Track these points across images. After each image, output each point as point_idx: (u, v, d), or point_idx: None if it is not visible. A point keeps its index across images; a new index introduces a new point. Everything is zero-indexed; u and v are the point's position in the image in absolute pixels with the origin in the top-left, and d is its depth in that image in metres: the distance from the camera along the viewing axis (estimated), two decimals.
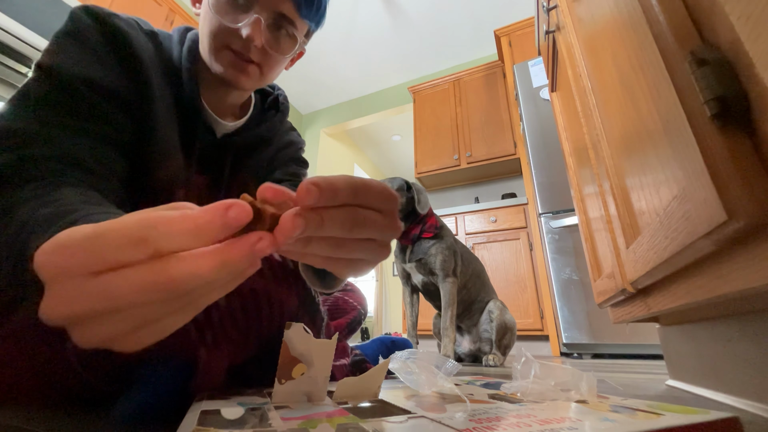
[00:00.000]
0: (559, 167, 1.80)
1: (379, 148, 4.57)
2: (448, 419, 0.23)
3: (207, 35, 0.46)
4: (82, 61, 0.38)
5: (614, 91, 0.48)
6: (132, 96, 0.41)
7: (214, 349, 0.33)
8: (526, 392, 0.32)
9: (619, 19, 0.41)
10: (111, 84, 0.40)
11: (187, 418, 0.23)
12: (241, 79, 0.48)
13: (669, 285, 0.41)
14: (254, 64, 0.48)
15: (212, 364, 0.33)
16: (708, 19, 0.25)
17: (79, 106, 0.37)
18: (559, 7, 0.85)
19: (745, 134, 0.23)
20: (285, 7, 0.46)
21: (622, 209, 0.52)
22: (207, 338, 0.32)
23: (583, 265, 1.58)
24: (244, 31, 0.44)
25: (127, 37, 0.42)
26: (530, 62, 2.10)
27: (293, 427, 0.21)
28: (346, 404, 0.29)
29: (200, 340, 0.32)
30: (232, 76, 0.47)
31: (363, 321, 0.82)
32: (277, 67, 0.52)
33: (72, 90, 0.37)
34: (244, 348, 0.35)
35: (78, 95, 0.37)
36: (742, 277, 0.25)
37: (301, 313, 0.38)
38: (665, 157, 0.32)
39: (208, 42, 0.47)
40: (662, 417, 0.22)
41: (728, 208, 0.22)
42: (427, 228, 1.18)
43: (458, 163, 2.67)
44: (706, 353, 0.51)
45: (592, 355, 1.52)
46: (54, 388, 0.36)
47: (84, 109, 0.37)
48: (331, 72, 3.44)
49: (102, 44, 0.41)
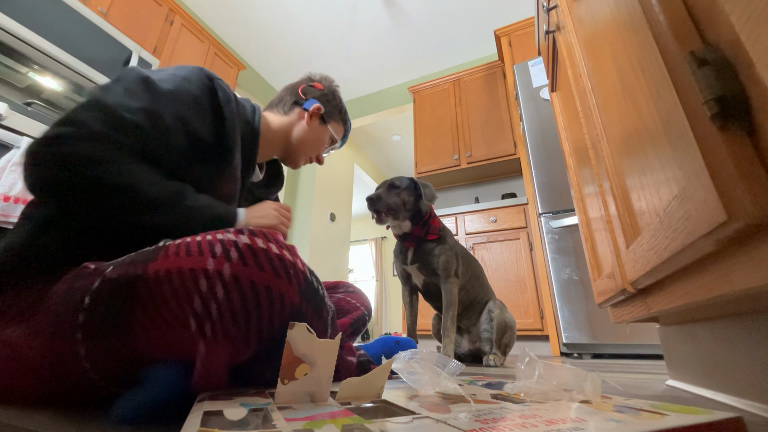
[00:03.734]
0: (559, 167, 1.80)
1: (379, 148, 4.57)
2: (453, 420, 0.23)
3: (310, 147, 0.78)
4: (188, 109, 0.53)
5: (614, 91, 0.48)
6: (214, 141, 0.56)
7: (213, 343, 0.33)
8: (529, 392, 0.32)
9: (619, 19, 0.41)
10: (200, 131, 0.54)
11: (190, 419, 0.24)
12: (296, 169, 0.82)
13: (669, 285, 0.41)
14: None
15: (212, 360, 0.33)
16: (708, 19, 0.25)
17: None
18: (559, 7, 0.85)
19: (745, 134, 0.23)
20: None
21: (622, 209, 0.52)
22: (206, 331, 0.32)
23: (583, 265, 1.58)
24: (323, 156, 0.83)
25: (226, 101, 0.58)
26: (530, 62, 2.10)
27: (298, 428, 0.21)
28: (350, 405, 0.29)
29: (200, 333, 0.32)
30: (296, 167, 0.81)
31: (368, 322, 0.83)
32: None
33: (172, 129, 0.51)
34: (245, 344, 0.34)
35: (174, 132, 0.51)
36: (742, 277, 0.25)
37: (304, 307, 0.37)
38: (665, 157, 0.32)
39: (308, 149, 0.78)
40: (666, 417, 0.22)
41: (728, 208, 0.22)
42: (431, 230, 1.18)
43: (458, 163, 2.67)
44: (706, 353, 0.51)
45: (592, 355, 1.52)
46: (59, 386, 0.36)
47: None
48: (331, 72, 3.44)
49: (207, 101, 0.56)
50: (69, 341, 0.34)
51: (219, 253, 0.34)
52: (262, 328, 0.35)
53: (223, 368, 0.34)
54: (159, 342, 0.34)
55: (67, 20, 1.64)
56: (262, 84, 3.48)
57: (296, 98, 0.77)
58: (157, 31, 2.19)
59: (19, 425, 0.30)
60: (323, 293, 0.41)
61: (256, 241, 0.36)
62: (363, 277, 5.96)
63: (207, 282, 0.33)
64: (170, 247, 0.36)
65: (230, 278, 0.33)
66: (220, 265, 0.34)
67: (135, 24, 2.06)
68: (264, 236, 0.37)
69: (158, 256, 0.35)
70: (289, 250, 0.38)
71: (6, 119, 1.27)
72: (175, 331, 0.33)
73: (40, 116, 1.38)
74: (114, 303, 0.34)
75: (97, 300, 0.34)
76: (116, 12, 1.97)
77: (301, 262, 0.39)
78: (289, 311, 0.36)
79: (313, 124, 0.77)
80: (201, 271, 0.33)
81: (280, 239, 0.38)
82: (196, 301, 0.33)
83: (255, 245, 0.36)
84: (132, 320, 0.33)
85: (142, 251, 0.37)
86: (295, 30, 2.97)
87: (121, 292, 0.34)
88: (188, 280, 0.33)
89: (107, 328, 0.34)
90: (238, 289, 0.33)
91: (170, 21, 2.29)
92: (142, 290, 0.33)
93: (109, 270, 0.36)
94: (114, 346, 0.34)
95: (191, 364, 0.34)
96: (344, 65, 3.36)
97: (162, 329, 0.33)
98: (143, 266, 0.35)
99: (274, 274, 0.35)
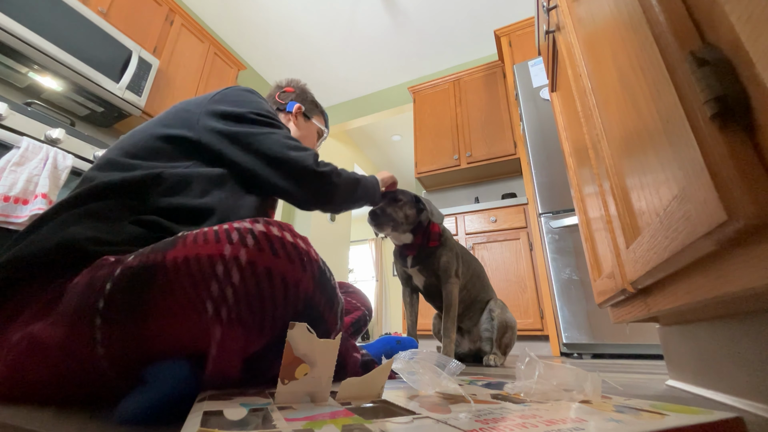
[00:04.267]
0: (559, 167, 1.80)
1: (379, 148, 4.57)
2: (453, 420, 0.23)
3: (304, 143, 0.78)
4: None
5: (614, 91, 0.48)
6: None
7: (228, 328, 0.33)
8: (529, 392, 0.32)
9: (619, 19, 0.41)
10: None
11: (190, 419, 0.23)
12: None
13: (669, 285, 0.41)
14: None
15: (227, 347, 0.33)
16: (708, 19, 0.25)
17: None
18: (559, 7, 0.85)
19: (745, 134, 0.23)
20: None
21: (622, 209, 0.52)
22: (222, 316, 0.33)
23: (583, 265, 1.58)
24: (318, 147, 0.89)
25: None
26: (530, 62, 2.10)
27: (298, 428, 0.21)
28: (350, 405, 0.29)
29: (216, 318, 0.33)
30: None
31: (369, 322, 0.83)
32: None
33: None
34: (259, 332, 0.35)
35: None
36: (742, 277, 0.25)
37: (317, 297, 0.38)
38: (665, 157, 0.32)
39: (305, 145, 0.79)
40: (667, 417, 0.23)
41: (728, 208, 0.22)
42: (432, 237, 1.17)
43: (458, 163, 2.67)
44: (706, 353, 0.51)
45: (592, 355, 1.52)
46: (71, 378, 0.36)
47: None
48: (331, 72, 3.44)
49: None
50: (88, 326, 0.35)
51: (236, 240, 0.35)
52: (277, 314, 0.35)
53: (237, 357, 0.34)
54: (175, 330, 0.34)
55: (66, 20, 1.64)
56: (262, 84, 3.48)
57: (278, 105, 0.86)
58: (157, 31, 2.19)
59: (19, 425, 0.30)
60: (335, 284, 0.42)
61: (271, 229, 0.37)
62: (363, 277, 5.96)
63: (224, 267, 0.34)
64: (188, 236, 0.37)
65: (246, 264, 0.34)
66: (236, 250, 0.35)
67: (135, 24, 2.06)
68: (279, 225, 0.38)
69: (177, 244, 0.36)
70: (302, 239, 0.39)
71: (6, 119, 1.27)
72: (191, 316, 0.34)
73: (40, 116, 1.38)
74: (133, 289, 0.35)
75: (118, 286, 0.35)
76: (116, 12, 1.97)
77: (315, 251, 0.39)
78: (303, 299, 0.36)
79: (300, 123, 0.85)
80: (218, 256, 0.34)
81: (293, 229, 0.39)
82: (213, 285, 0.33)
83: (270, 233, 0.37)
84: (150, 306, 0.34)
85: (163, 241, 0.38)
86: (295, 30, 2.96)
87: (140, 279, 0.35)
88: (205, 265, 0.34)
89: (125, 313, 0.34)
90: (254, 274, 0.34)
91: (170, 21, 2.29)
92: (160, 276, 0.34)
93: (130, 258, 0.37)
94: (130, 333, 0.34)
95: (200, 360, 0.34)
96: (344, 65, 3.36)
97: (178, 316, 0.34)
98: (162, 254, 0.36)
99: (289, 261, 0.36)
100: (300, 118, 0.86)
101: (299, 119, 0.85)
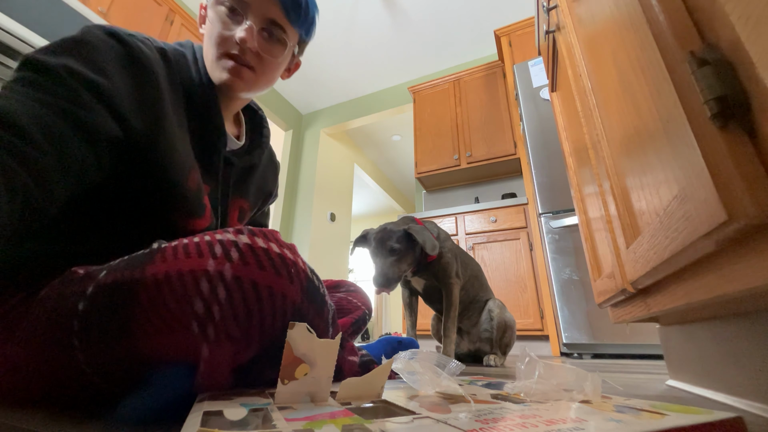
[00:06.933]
0: (559, 167, 1.80)
1: (379, 148, 4.57)
2: (453, 420, 0.23)
3: (210, 46, 0.53)
4: (88, 65, 0.39)
5: (614, 91, 0.48)
6: (136, 110, 0.43)
7: (216, 345, 0.32)
8: (529, 392, 0.32)
9: (619, 19, 0.41)
10: (109, 90, 0.40)
11: (190, 420, 0.23)
12: (238, 84, 0.53)
13: (669, 285, 0.41)
14: (249, 68, 0.53)
15: (215, 362, 0.33)
16: (708, 19, 0.25)
17: (58, 90, 0.36)
18: (559, 7, 0.85)
19: (745, 134, 0.23)
20: (274, 12, 0.53)
21: (622, 209, 0.52)
22: (209, 333, 0.32)
23: (583, 265, 1.58)
24: (238, 34, 0.50)
25: (141, 55, 0.45)
26: (530, 62, 2.10)
27: (298, 428, 0.21)
28: (350, 405, 0.29)
29: (202, 336, 0.32)
30: (230, 81, 0.52)
31: (368, 321, 0.82)
32: (270, 72, 0.56)
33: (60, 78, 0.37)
34: (247, 345, 0.34)
35: (64, 82, 0.37)
36: (742, 277, 0.25)
37: (305, 306, 0.37)
38: (665, 157, 0.32)
39: (211, 52, 0.52)
40: (667, 417, 0.23)
41: (728, 208, 0.22)
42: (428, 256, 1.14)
43: (458, 163, 2.67)
44: (706, 353, 0.51)
45: (592, 355, 1.52)
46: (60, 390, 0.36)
47: (62, 93, 0.36)
48: (331, 72, 3.44)
49: (114, 60, 0.42)
50: (65, 348, 0.33)
51: (219, 254, 0.34)
52: (265, 328, 0.34)
53: (226, 369, 0.34)
54: (162, 345, 0.33)
55: (67, 20, 1.64)
56: None
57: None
58: (157, 31, 2.19)
59: (18, 425, 0.30)
60: (324, 292, 0.41)
61: (256, 240, 0.36)
62: (363, 277, 5.96)
63: (209, 284, 0.32)
64: (167, 249, 0.35)
65: (232, 279, 0.33)
66: (221, 265, 0.33)
67: (135, 24, 2.06)
68: (264, 235, 0.37)
69: (156, 259, 0.34)
70: (289, 248, 0.38)
71: None
72: (177, 334, 0.33)
73: None
74: (112, 308, 0.33)
75: (93, 306, 0.34)
76: (116, 12, 1.97)
77: (302, 260, 0.39)
78: (291, 310, 0.36)
79: (207, 17, 0.54)
80: (202, 272, 0.33)
81: (279, 238, 0.38)
82: (198, 303, 0.32)
83: (255, 245, 0.35)
84: (132, 325, 0.33)
85: (136, 255, 0.37)
86: None
87: (119, 297, 0.33)
88: (189, 282, 0.32)
89: (106, 333, 0.33)
90: (240, 289, 0.33)
91: (170, 21, 2.29)
92: (141, 294, 0.33)
93: (102, 275, 0.35)
94: (115, 351, 0.33)
95: (195, 365, 0.34)
96: (344, 65, 3.36)
97: (164, 333, 0.33)
98: (140, 270, 0.34)
99: (276, 274, 0.35)
100: (205, 12, 0.56)
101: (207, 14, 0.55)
